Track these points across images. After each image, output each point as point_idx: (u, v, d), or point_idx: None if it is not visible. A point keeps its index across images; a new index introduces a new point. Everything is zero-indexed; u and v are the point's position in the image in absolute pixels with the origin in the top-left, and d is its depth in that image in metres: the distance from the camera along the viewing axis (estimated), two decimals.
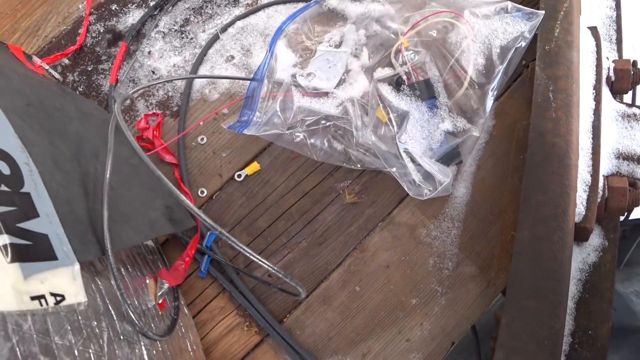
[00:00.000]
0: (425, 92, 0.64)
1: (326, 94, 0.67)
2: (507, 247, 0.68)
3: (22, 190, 0.40)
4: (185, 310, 0.64)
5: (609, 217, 0.69)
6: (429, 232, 0.69)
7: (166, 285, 0.58)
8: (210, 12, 0.81)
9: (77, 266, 0.41)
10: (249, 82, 0.68)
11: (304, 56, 0.72)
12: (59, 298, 0.38)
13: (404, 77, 0.65)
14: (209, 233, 0.67)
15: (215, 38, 0.79)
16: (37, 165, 0.44)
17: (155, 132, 0.72)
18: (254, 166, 0.70)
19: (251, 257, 0.50)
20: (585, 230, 0.65)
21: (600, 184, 0.67)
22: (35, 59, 0.75)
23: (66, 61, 0.81)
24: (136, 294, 0.53)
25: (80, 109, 0.61)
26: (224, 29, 0.79)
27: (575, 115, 0.64)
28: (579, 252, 0.68)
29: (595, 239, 0.69)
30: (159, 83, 0.73)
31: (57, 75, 0.79)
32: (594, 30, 0.72)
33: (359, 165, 0.68)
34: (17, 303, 0.34)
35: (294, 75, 0.68)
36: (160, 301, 0.56)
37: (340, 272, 0.68)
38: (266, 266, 0.53)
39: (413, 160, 0.62)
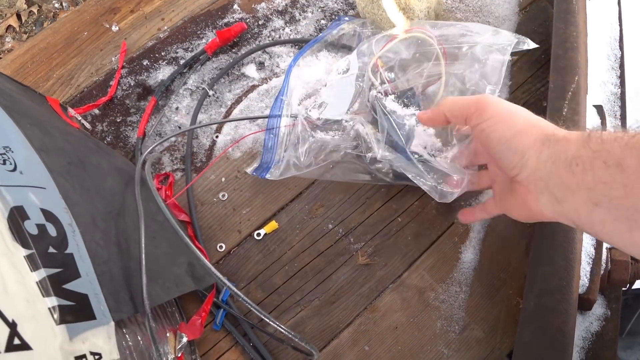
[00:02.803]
0: (411, 99, 0.66)
1: (339, 123, 0.69)
2: (512, 313, 0.71)
3: (67, 251, 0.43)
4: None
5: (612, 288, 0.71)
6: (437, 296, 0.72)
7: (185, 339, 0.60)
8: (237, 72, 0.86)
9: (112, 325, 0.44)
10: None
11: (315, 88, 0.78)
12: (97, 357, 0.40)
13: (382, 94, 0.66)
14: (225, 288, 0.69)
15: (205, 94, 0.83)
16: (79, 225, 0.47)
17: (167, 192, 0.76)
18: (273, 225, 0.73)
19: (266, 318, 0.53)
20: (589, 301, 0.68)
21: (604, 257, 0.70)
22: (70, 110, 0.79)
23: (96, 111, 0.85)
24: (157, 347, 0.56)
25: (113, 164, 0.64)
26: (211, 86, 0.84)
27: None
28: (582, 320, 0.71)
29: (598, 309, 0.71)
30: (172, 136, 0.77)
31: (87, 125, 0.83)
32: (599, 108, 0.77)
33: (387, 179, 0.70)
34: None
35: (306, 108, 0.71)
36: (179, 355, 0.58)
37: (351, 331, 0.70)
38: (280, 329, 0.55)
39: (426, 165, 0.64)
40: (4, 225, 0.39)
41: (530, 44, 0.72)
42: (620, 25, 0.92)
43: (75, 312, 0.40)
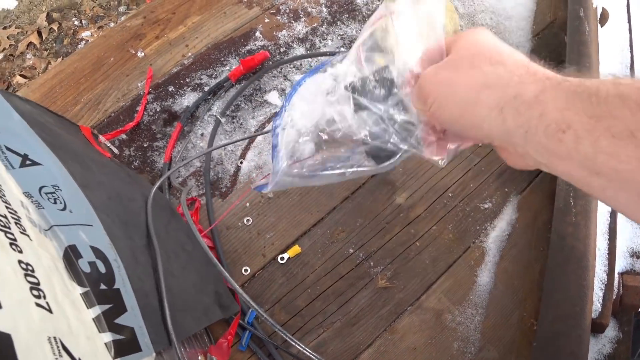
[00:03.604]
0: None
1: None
2: (526, 334, 0.74)
3: (114, 287, 0.47)
4: None
5: (623, 312, 0.74)
6: (454, 318, 0.74)
7: None
8: (260, 99, 0.89)
9: (154, 356, 0.47)
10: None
11: None
12: None
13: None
14: (250, 310, 0.72)
15: (218, 123, 0.86)
16: (122, 260, 0.50)
17: (193, 218, 0.79)
18: (296, 249, 0.76)
19: (291, 341, 0.56)
20: (601, 325, 0.70)
21: (616, 282, 0.72)
22: (101, 137, 0.82)
23: (124, 136, 0.89)
24: None
25: (145, 195, 0.67)
26: (223, 114, 0.87)
27: (594, 220, 0.70)
28: (595, 343, 0.73)
29: (610, 331, 0.74)
30: (189, 160, 0.79)
31: (115, 150, 0.87)
32: None
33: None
34: None
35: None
36: None
37: (371, 352, 0.73)
38: (306, 351, 0.58)
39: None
40: (61, 265, 0.42)
41: None
42: (632, 51, 0.94)
43: (125, 345, 0.43)
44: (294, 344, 0.62)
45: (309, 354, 0.60)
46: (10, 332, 0.29)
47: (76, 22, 1.84)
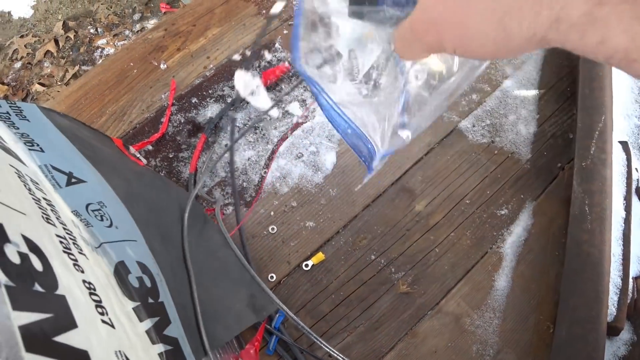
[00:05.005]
0: None
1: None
2: (543, 337, 0.76)
3: (159, 300, 0.50)
4: None
5: (638, 314, 0.76)
6: (472, 322, 0.77)
7: None
8: (282, 110, 0.92)
9: None
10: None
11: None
12: None
13: None
14: (277, 315, 0.75)
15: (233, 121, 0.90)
16: (164, 274, 0.53)
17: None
18: (319, 256, 0.79)
19: (323, 345, 0.59)
20: (616, 329, 0.73)
21: (630, 286, 0.75)
22: (131, 148, 0.85)
23: (150, 147, 0.92)
24: None
25: (179, 203, 0.70)
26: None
27: (608, 227, 0.72)
28: (610, 345, 0.76)
29: (625, 334, 0.76)
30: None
31: (143, 160, 0.90)
32: (624, 144, 0.82)
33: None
34: None
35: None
36: None
37: (393, 355, 0.75)
38: (334, 353, 0.61)
39: None
40: (114, 281, 0.45)
41: None
42: None
43: (174, 355, 0.46)
44: (321, 345, 0.65)
45: (336, 355, 0.63)
46: (87, 349, 0.32)
47: (92, 30, 1.87)
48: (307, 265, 0.80)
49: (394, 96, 0.49)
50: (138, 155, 0.88)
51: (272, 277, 0.80)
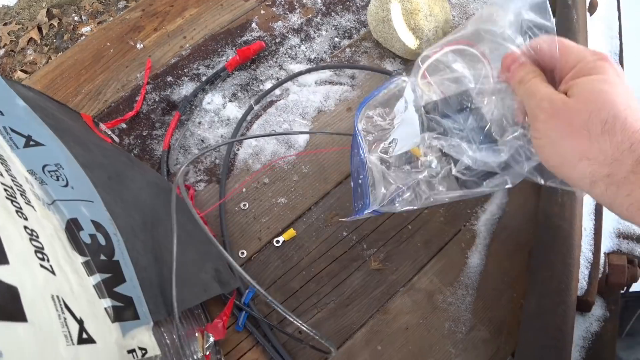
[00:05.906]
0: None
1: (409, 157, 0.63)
2: (516, 314, 0.76)
3: (114, 259, 0.49)
4: None
5: (610, 290, 0.76)
6: (445, 299, 0.76)
7: (212, 339, 0.66)
8: (256, 89, 0.91)
9: (152, 325, 0.49)
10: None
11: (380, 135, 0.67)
12: (143, 351, 0.46)
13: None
14: (247, 291, 0.75)
15: (250, 108, 0.89)
16: (122, 235, 0.53)
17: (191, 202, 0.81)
18: (291, 232, 0.79)
19: (293, 320, 0.58)
20: (587, 303, 0.72)
21: (602, 261, 0.74)
22: (101, 125, 0.85)
23: (124, 125, 0.91)
24: (188, 346, 0.61)
25: (145, 178, 0.70)
26: (257, 101, 0.89)
27: (580, 200, 0.72)
28: (583, 321, 0.75)
29: (598, 310, 0.76)
30: (208, 150, 0.82)
31: (116, 138, 0.89)
32: None
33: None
34: (119, 356, 0.42)
35: (384, 151, 0.64)
36: (207, 353, 0.64)
37: (364, 332, 0.75)
38: (303, 327, 0.60)
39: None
40: (63, 235, 0.44)
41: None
42: (620, 39, 0.96)
43: (124, 312, 0.46)
44: (291, 322, 0.64)
45: (306, 329, 0.62)
46: (17, 285, 0.31)
47: (76, 18, 1.86)
48: (278, 242, 0.79)
49: (406, 181, 0.61)
50: (109, 133, 0.87)
51: (242, 253, 0.79)
